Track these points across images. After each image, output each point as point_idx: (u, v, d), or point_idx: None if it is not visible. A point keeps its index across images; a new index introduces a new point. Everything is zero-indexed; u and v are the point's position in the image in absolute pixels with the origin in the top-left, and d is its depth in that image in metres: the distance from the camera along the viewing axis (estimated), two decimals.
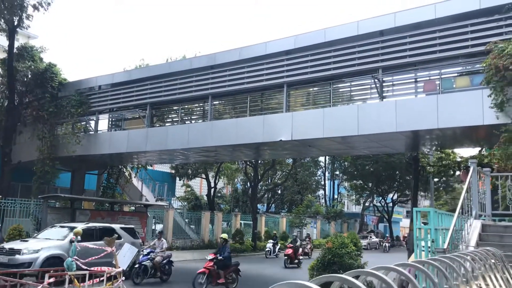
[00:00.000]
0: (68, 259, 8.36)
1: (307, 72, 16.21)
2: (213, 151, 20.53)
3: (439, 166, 20.40)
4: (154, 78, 20.50)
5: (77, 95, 22.74)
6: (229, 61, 18.29)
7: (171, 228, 29.07)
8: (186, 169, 36.83)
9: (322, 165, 49.83)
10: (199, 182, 46.26)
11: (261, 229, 35.59)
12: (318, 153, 24.29)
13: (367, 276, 2.62)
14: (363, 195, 48.88)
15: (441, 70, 14.06)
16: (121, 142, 21.05)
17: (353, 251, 11.38)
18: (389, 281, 2.35)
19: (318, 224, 44.37)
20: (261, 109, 18.42)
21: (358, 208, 54.36)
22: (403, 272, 2.69)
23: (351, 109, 15.38)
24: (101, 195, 27.10)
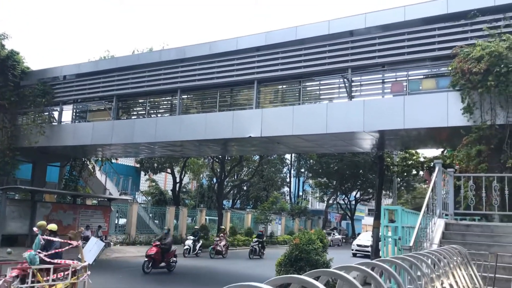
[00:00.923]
0: (31, 252, 8.10)
1: (278, 69, 16.26)
2: (180, 146, 20.33)
3: (403, 166, 20.92)
4: (122, 69, 20.09)
5: (41, 85, 22.01)
6: (199, 55, 18.11)
7: (134, 223, 28.68)
8: (151, 163, 36.38)
9: (288, 162, 50.21)
10: (164, 176, 45.81)
11: (226, 225, 35.54)
12: (285, 150, 24.45)
13: (329, 276, 2.43)
14: (327, 192, 49.58)
15: (409, 71, 14.38)
16: (85, 134, 20.52)
17: (319, 248, 11.53)
18: (353, 281, 2.18)
19: (283, 221, 44.72)
20: (230, 105, 18.35)
21: (322, 205, 55.11)
22: (368, 272, 2.60)
23: (320, 107, 15.53)
24: (63, 187, 26.43)
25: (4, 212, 19.73)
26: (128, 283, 14.39)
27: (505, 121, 11.59)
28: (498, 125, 11.66)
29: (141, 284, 14.39)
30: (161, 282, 15.33)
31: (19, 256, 16.91)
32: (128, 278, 15.53)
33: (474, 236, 8.66)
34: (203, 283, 15.66)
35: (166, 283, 15.12)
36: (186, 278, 16.77)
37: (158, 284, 14.74)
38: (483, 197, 9.92)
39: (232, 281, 6.55)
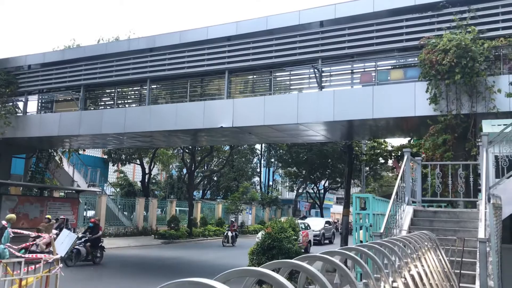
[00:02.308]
0: (0, 246, 7.93)
1: (249, 59, 16.26)
2: (149, 137, 20.10)
3: (371, 155, 21.34)
4: (89, 59, 19.65)
5: (4, 74, 21.29)
6: (169, 44, 17.91)
7: (104, 215, 28.33)
8: (119, 154, 35.87)
9: (258, 152, 50.37)
10: (133, 167, 45.26)
11: (197, 215, 35.52)
12: (256, 140, 24.51)
13: (290, 267, 2.21)
14: (297, 182, 50.04)
15: (377, 62, 14.65)
16: (52, 125, 20.03)
17: (291, 236, 11.70)
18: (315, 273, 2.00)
19: (253, 210, 44.98)
20: (201, 95, 18.26)
21: (292, 194, 55.60)
22: (334, 261, 2.52)
23: (291, 97, 15.65)
24: (29, 180, 25.76)
25: None
26: (99, 275, 14.24)
27: (470, 111, 12.00)
28: (463, 115, 12.05)
29: (110, 276, 14.27)
30: (120, 274, 15.24)
31: None
32: (98, 270, 15.36)
33: (441, 222, 8.98)
34: (166, 274, 15.67)
35: (137, 275, 15.04)
36: (143, 268, 16.72)
37: (127, 276, 14.65)
38: (449, 184, 10.27)
39: (205, 271, 6.49)
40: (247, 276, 1.80)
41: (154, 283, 9.84)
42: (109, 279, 13.79)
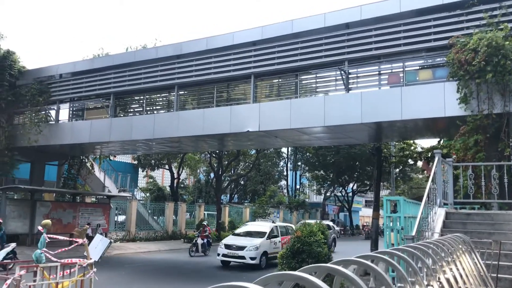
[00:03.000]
0: (37, 251, 8.16)
1: (274, 63, 16.30)
2: (177, 142, 20.36)
3: (401, 157, 21.03)
4: (118, 67, 20.05)
5: (37, 84, 21.95)
6: (196, 50, 18.12)
7: (134, 220, 28.76)
8: (148, 159, 36.42)
9: (285, 156, 50.32)
10: (162, 172, 45.86)
11: (225, 219, 35.69)
12: (282, 143, 24.52)
13: (326, 271, 2.24)
14: (324, 185, 49.76)
15: (405, 63, 14.46)
16: (83, 132, 20.52)
17: (321, 239, 11.64)
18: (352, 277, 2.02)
19: (281, 214, 44.90)
20: (227, 100, 18.40)
21: (319, 198, 55.31)
22: (369, 265, 2.51)
23: (318, 100, 15.61)
24: (62, 186, 26.42)
25: (5, 212, 19.73)
26: (132, 279, 14.48)
27: (503, 110, 11.71)
28: (495, 114, 11.77)
29: (143, 280, 14.48)
30: (167, 277, 15.42)
31: (22, 255, 17.04)
32: (131, 274, 15.62)
33: (475, 225, 8.78)
34: (202, 278, 15.78)
35: (172, 279, 15.21)
36: (192, 273, 16.86)
37: (162, 280, 14.84)
38: (482, 186, 10.04)
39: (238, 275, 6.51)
40: (285, 280, 1.81)
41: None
42: (142, 283, 13.99)
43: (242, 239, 18.93)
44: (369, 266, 2.42)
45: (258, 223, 22.97)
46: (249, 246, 18.16)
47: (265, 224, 21.23)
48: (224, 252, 18.43)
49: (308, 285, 1.65)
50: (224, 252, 18.41)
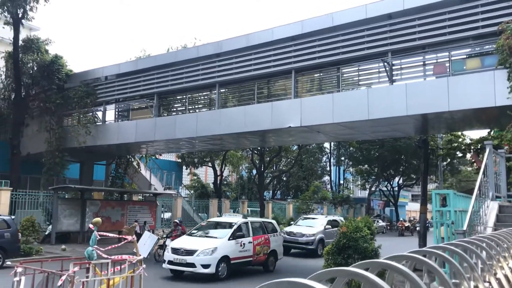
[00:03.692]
0: (88, 248, 8.47)
1: (315, 57, 16.14)
2: (219, 139, 20.55)
3: (448, 149, 20.39)
4: (161, 67, 20.44)
5: (84, 86, 22.72)
6: (236, 48, 18.20)
7: (180, 216, 29.24)
8: (192, 157, 36.96)
9: (327, 151, 49.81)
10: (205, 170, 46.42)
11: (268, 215, 35.74)
12: (325, 138, 24.28)
13: (379, 267, 2.17)
14: (369, 180, 48.94)
15: (451, 52, 13.97)
16: (129, 132, 21.09)
17: (367, 235, 11.45)
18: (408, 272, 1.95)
19: (325, 210, 44.50)
20: (268, 96, 18.40)
21: (364, 193, 54.47)
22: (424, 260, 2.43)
23: (361, 93, 15.35)
24: (110, 185, 27.24)
25: (57, 211, 20.54)
26: (179, 275, 14.72)
27: None
28: None
29: (190, 276, 14.69)
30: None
31: (73, 252, 17.71)
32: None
33: None
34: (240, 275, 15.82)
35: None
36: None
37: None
38: None
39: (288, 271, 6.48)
40: (339, 276, 1.77)
41: (238, 282, 9.97)
42: (191, 279, 14.20)
43: (195, 241, 14.69)
44: (424, 261, 2.35)
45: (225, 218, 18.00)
46: (201, 249, 13.79)
47: (233, 220, 16.30)
48: (170, 259, 14.06)
49: (364, 281, 1.62)
50: (170, 259, 14.03)
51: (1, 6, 21.41)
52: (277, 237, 16.85)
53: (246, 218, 17.23)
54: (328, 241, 20.06)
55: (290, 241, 21.39)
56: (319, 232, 22.09)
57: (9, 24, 22.60)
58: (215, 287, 13.29)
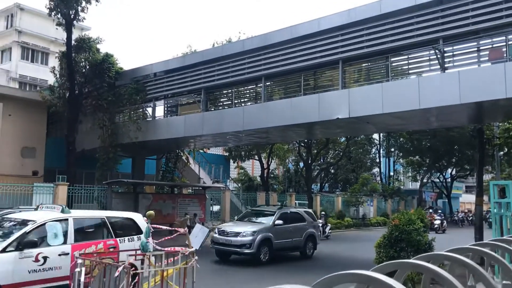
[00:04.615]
0: (142, 240, 8.72)
1: (363, 46, 15.79)
2: (265, 132, 20.57)
3: (506, 138, 19.43)
4: (207, 62, 20.65)
5: (134, 83, 23.34)
6: (281, 40, 18.11)
7: (228, 209, 29.65)
8: (239, 151, 37.28)
9: (377, 142, 48.86)
10: (252, 163, 46.73)
11: (316, 208, 35.54)
12: (374, 129, 23.85)
13: (443, 259, 2.17)
14: (420, 171, 47.64)
15: (508, 36, 13.27)
16: (178, 127, 21.51)
17: (420, 228, 11.15)
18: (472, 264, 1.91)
19: (375, 202, 43.74)
20: (314, 88, 18.22)
21: (415, 184, 53.10)
22: (488, 253, 2.30)
23: (411, 82, 14.90)
24: (161, 179, 27.94)
25: (111, 204, 21.24)
26: (230, 267, 14.92)
27: None
28: None
29: (241, 268, 14.86)
30: (267, 267, 15.69)
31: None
32: (230, 262, 16.10)
33: None
34: (300, 268, 15.81)
35: (271, 270, 15.46)
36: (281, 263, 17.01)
37: (261, 269, 15.12)
38: None
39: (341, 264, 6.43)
40: (401, 268, 1.72)
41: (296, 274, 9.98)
42: (240, 271, 14.36)
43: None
44: (488, 254, 2.24)
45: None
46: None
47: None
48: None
49: (427, 273, 1.56)
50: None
51: (54, 8, 22.33)
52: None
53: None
54: (278, 242, 16.51)
55: (221, 243, 16.16)
56: (263, 230, 16.13)
57: (62, 25, 23.53)
58: (258, 271, 13.72)
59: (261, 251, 15.81)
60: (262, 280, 12.66)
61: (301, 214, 18.63)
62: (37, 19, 38.81)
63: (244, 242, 15.60)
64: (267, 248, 16.11)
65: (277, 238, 16.46)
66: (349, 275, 1.39)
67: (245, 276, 13.81)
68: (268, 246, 16.16)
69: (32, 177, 24.93)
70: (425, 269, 1.56)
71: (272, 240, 16.29)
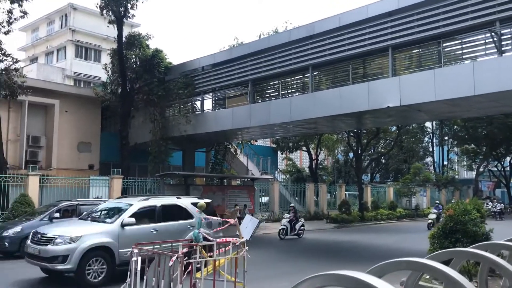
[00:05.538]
0: (195, 231, 8.92)
1: (414, 32, 15.29)
2: (313, 123, 20.41)
3: None
4: (254, 54, 20.69)
5: (183, 78, 23.76)
6: (329, 29, 17.85)
7: (277, 201, 29.72)
8: (286, 142, 37.22)
9: (429, 130, 47.37)
10: (300, 154, 46.56)
11: (367, 199, 35.00)
12: (426, 117, 23.11)
13: (500, 248, 2.05)
14: (476, 160, 45.80)
15: None
16: (226, 120, 21.74)
17: (477, 218, 10.72)
18: (498, 261, 1.78)
19: (428, 192, 42.52)
20: (363, 76, 17.86)
21: (471, 174, 51.13)
22: None
23: (465, 67, 14.30)
24: (210, 171, 28.41)
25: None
26: (280, 258, 15.00)
27: None
28: None
29: (292, 259, 14.90)
30: (312, 257, 15.69)
31: None
32: (279, 253, 16.19)
33: None
34: (350, 256, 15.66)
35: (316, 258, 15.44)
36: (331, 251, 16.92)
37: (310, 258, 15.13)
38: None
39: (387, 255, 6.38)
40: (457, 257, 1.66)
41: (342, 264, 9.88)
42: (291, 261, 14.40)
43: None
44: None
45: None
46: None
47: None
48: None
49: (484, 261, 1.50)
50: None
51: (105, 6, 23.05)
52: None
53: None
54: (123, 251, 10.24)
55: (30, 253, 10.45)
56: (98, 235, 10.35)
57: (113, 22, 24.26)
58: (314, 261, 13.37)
59: (85, 268, 9.91)
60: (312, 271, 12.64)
61: (183, 208, 12.07)
62: (89, 18, 40.22)
63: (56, 254, 9.87)
64: (102, 262, 10.20)
65: (125, 246, 10.04)
66: (403, 263, 1.36)
67: (300, 265, 13.85)
68: (105, 259, 10.24)
69: (88, 171, 26.03)
70: (482, 258, 1.49)
71: (115, 250, 10.36)
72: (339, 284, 1.84)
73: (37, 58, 44.14)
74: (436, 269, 1.22)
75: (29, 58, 44.79)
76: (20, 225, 14.57)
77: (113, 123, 29.69)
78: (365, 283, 1.52)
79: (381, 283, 1.40)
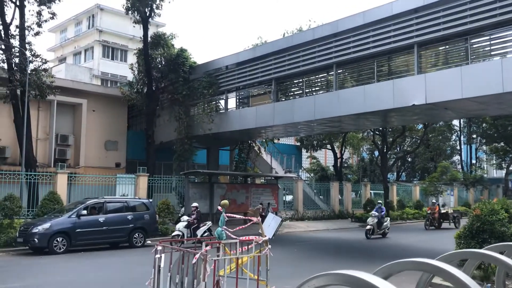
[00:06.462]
0: (218, 229, 9.00)
1: (440, 29, 15.05)
2: (338, 121, 20.28)
3: None
4: (278, 53, 20.70)
5: (207, 77, 23.94)
6: (353, 26, 17.72)
7: (301, 199, 29.63)
8: (310, 140, 37.05)
9: (457, 128, 46.42)
10: (324, 153, 46.31)
11: (393, 198, 34.56)
12: (453, 115, 22.68)
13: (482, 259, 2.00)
14: (506, 158, 44.63)
15: None
16: (250, 118, 21.80)
17: (505, 218, 10.48)
18: None
19: (455, 192, 41.70)
20: (388, 74, 17.65)
21: (500, 173, 49.88)
22: None
23: (494, 64, 13.98)
24: (234, 169, 28.53)
25: (188, 194, 22.06)
26: (303, 256, 14.99)
27: None
28: None
29: (314, 257, 14.87)
30: (336, 255, 15.63)
31: None
32: (302, 252, 16.18)
33: None
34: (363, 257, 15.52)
35: (340, 256, 15.36)
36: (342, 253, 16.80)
37: (331, 258, 15.07)
38: None
39: (412, 255, 6.29)
40: (471, 258, 1.66)
41: (368, 263, 9.80)
42: (314, 260, 14.38)
43: None
44: None
45: None
46: None
47: None
48: None
49: (495, 263, 1.50)
50: None
51: (131, 7, 23.40)
52: None
53: None
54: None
55: None
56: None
57: (139, 22, 24.61)
58: None
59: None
60: None
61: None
62: (115, 18, 40.88)
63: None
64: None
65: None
66: (410, 263, 1.36)
67: (323, 264, 13.81)
68: None
69: (115, 169, 26.50)
70: (494, 260, 1.48)
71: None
72: (343, 283, 1.87)
73: (65, 58, 45.11)
74: (443, 270, 1.22)
75: (57, 59, 45.80)
76: (49, 222, 14.97)
77: (139, 122, 30.16)
78: (369, 284, 1.54)
79: (383, 284, 1.41)
